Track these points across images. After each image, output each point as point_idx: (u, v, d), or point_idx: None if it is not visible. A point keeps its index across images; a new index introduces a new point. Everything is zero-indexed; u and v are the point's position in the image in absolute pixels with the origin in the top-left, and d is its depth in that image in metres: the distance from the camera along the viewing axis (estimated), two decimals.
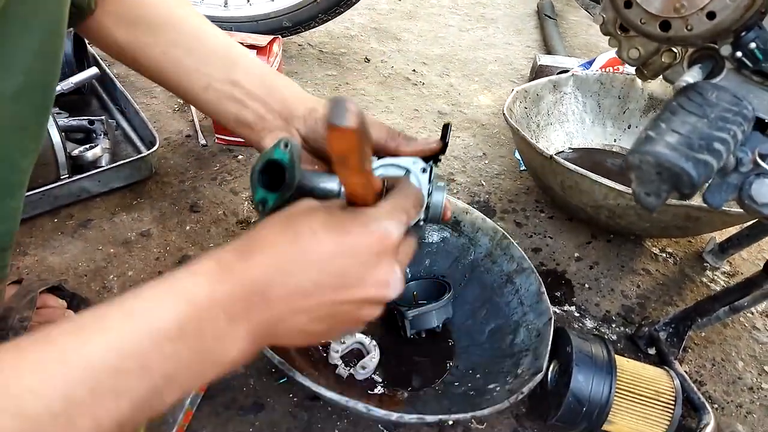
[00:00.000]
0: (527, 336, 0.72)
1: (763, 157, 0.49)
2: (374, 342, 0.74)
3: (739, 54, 0.51)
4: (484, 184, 1.12)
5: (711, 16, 0.49)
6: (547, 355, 0.65)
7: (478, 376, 0.71)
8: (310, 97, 0.63)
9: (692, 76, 0.52)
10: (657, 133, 0.40)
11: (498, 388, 0.66)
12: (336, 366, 0.71)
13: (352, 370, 0.70)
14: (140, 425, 0.37)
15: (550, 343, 0.67)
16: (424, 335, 0.75)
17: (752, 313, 0.91)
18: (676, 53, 0.60)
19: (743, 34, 0.50)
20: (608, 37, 0.62)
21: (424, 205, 0.54)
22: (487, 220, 0.82)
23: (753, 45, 0.49)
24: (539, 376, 0.62)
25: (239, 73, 0.62)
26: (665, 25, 0.52)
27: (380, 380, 0.72)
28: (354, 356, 0.74)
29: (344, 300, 0.42)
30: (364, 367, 0.70)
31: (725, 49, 0.52)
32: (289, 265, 0.40)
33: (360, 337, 0.74)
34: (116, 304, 0.36)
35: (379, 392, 0.71)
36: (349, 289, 0.42)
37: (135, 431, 0.37)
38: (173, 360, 0.36)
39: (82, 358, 0.33)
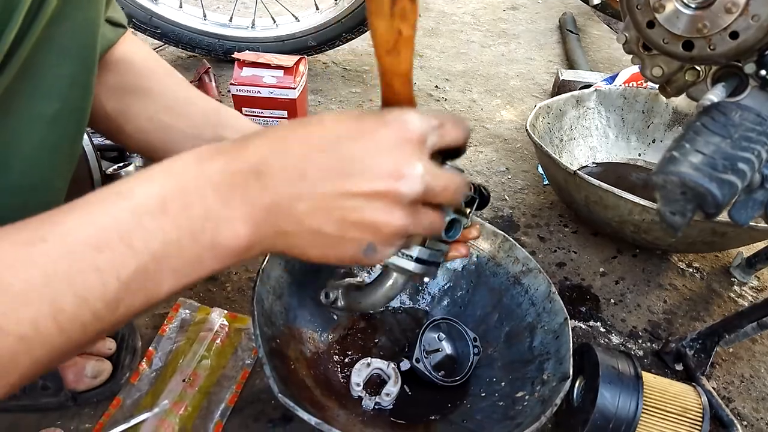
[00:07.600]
0: (545, 338, 0.71)
1: None
2: (393, 365, 0.72)
3: (763, 72, 0.51)
4: (507, 198, 1.13)
5: (734, 35, 0.50)
6: (571, 359, 0.65)
7: (503, 383, 0.71)
8: None
9: (716, 94, 0.53)
10: (681, 154, 0.41)
11: (527, 397, 0.66)
12: (361, 399, 0.69)
13: (378, 398, 0.69)
14: (141, 311, 0.36)
15: (570, 345, 0.66)
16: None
17: None
18: (699, 71, 0.60)
19: (767, 52, 0.50)
20: (631, 55, 0.63)
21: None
22: (486, 224, 0.82)
23: None
24: (567, 383, 0.62)
25: (228, 134, 0.62)
26: (688, 44, 0.53)
27: (409, 405, 0.70)
28: (376, 386, 0.72)
29: (349, 191, 0.37)
30: (388, 394, 0.69)
31: (749, 68, 0.52)
32: (288, 145, 0.38)
33: (376, 363, 0.72)
34: (104, 187, 0.36)
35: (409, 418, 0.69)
36: (356, 176, 0.37)
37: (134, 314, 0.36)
38: (158, 237, 0.35)
39: (61, 235, 0.33)
